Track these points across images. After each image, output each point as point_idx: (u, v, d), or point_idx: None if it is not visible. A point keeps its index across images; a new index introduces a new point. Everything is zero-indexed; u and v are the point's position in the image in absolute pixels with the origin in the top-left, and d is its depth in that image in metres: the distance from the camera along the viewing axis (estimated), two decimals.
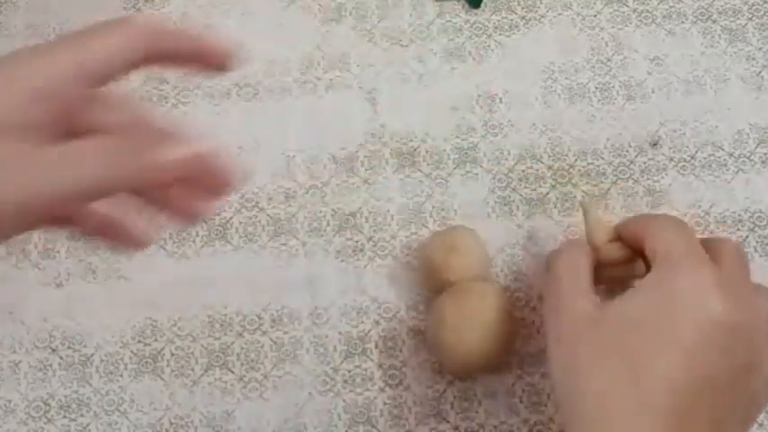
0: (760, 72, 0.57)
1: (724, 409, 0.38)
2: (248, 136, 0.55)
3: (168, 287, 0.51)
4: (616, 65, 0.57)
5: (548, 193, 0.53)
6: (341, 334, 0.50)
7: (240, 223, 0.53)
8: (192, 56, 0.34)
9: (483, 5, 0.59)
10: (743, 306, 0.39)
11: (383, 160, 0.54)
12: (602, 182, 0.54)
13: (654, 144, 0.55)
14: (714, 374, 0.38)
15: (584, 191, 0.53)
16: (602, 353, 0.39)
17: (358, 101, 0.56)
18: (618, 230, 0.45)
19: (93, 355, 0.50)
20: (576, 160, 0.54)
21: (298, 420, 0.48)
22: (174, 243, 0.52)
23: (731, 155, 0.55)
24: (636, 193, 0.53)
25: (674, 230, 0.42)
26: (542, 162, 0.54)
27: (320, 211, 0.53)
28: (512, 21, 0.59)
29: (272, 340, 0.50)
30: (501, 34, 0.58)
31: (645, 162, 0.54)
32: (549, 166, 0.54)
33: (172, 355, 0.50)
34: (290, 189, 0.54)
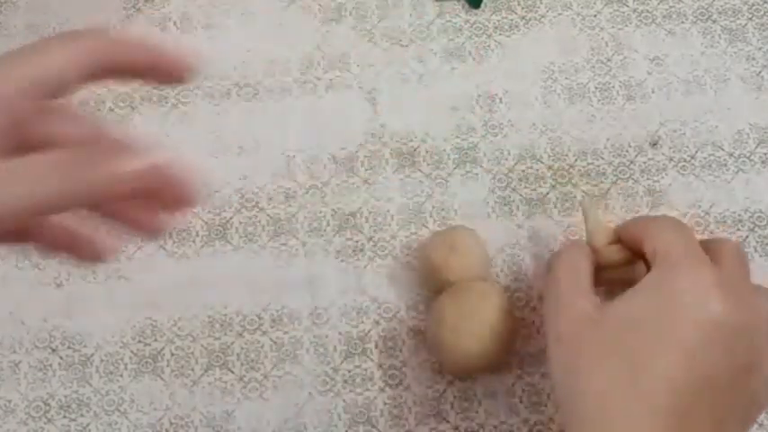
0: (760, 72, 0.57)
1: (724, 409, 0.38)
2: (248, 136, 0.55)
3: (168, 287, 0.51)
4: (616, 65, 0.57)
5: (548, 193, 0.53)
6: (341, 334, 0.50)
7: (240, 223, 0.53)
8: (149, 68, 0.33)
9: (483, 5, 0.59)
10: (743, 306, 0.39)
11: (383, 160, 0.54)
12: (602, 182, 0.54)
13: (654, 144, 0.55)
14: (714, 374, 0.38)
15: (584, 191, 0.53)
16: (602, 353, 0.39)
17: (358, 101, 0.56)
18: (618, 232, 0.45)
19: (93, 355, 0.50)
20: (576, 160, 0.54)
21: (298, 420, 0.48)
22: (174, 243, 0.52)
23: (731, 155, 0.55)
24: (636, 193, 0.53)
25: (674, 231, 0.42)
26: (542, 162, 0.54)
27: (320, 211, 0.53)
28: (512, 21, 0.59)
29: (272, 340, 0.50)
30: (501, 34, 0.58)
31: (645, 162, 0.54)
32: (549, 166, 0.54)
33: (172, 355, 0.50)
34: (290, 189, 0.54)
